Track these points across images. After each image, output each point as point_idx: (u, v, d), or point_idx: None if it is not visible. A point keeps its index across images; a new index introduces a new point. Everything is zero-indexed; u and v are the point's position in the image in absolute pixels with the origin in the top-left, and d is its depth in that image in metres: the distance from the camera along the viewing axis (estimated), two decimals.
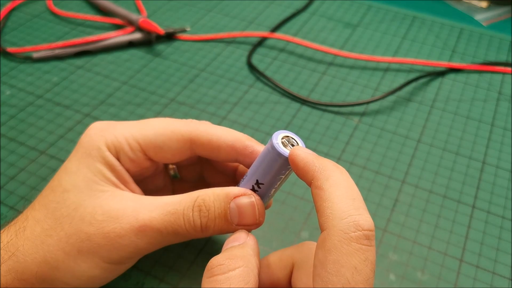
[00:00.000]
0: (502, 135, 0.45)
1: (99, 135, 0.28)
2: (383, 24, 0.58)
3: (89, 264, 0.26)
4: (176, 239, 0.27)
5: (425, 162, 0.42)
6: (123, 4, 0.59)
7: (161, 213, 0.26)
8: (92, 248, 0.26)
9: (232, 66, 0.51)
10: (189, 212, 0.26)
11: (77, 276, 0.26)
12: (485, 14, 0.61)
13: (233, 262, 0.23)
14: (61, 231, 0.26)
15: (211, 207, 0.26)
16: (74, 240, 0.26)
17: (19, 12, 0.58)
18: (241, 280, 0.22)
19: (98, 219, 0.26)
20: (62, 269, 0.26)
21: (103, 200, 0.27)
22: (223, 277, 0.22)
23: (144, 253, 0.28)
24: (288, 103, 0.47)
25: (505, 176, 0.41)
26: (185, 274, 0.33)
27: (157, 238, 0.26)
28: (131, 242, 0.26)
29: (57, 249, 0.26)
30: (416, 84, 0.50)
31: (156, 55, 0.52)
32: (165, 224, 0.26)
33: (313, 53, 0.53)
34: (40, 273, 0.26)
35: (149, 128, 0.29)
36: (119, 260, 0.27)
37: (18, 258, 0.26)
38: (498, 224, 0.37)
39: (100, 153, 0.28)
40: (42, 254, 0.26)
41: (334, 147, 0.43)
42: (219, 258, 0.23)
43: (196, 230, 0.26)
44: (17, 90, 0.47)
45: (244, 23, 0.57)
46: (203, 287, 0.23)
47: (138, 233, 0.26)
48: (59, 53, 0.51)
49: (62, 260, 0.26)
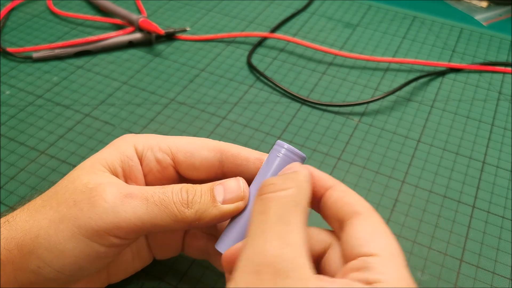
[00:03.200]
0: (502, 135, 0.45)
1: (132, 136, 0.30)
2: (383, 24, 0.58)
3: (66, 233, 0.25)
4: (161, 216, 0.26)
5: (425, 162, 0.42)
6: (123, 4, 0.59)
7: (150, 188, 0.26)
8: (74, 215, 0.25)
9: (232, 66, 0.51)
10: (177, 189, 0.26)
11: (51, 247, 0.25)
12: (485, 14, 0.61)
13: (285, 183, 0.23)
14: (54, 201, 0.26)
15: (198, 187, 0.27)
16: (62, 207, 0.26)
17: (19, 12, 0.58)
18: (291, 200, 0.22)
19: (89, 187, 0.26)
20: (41, 238, 0.25)
21: (98, 176, 0.27)
22: (274, 195, 0.23)
23: (124, 234, 0.26)
24: (288, 103, 0.47)
25: (505, 176, 0.41)
26: (185, 274, 0.33)
27: (142, 209, 0.25)
28: (113, 208, 0.25)
29: (44, 217, 0.26)
30: (416, 84, 0.50)
31: (156, 55, 0.52)
32: (152, 194, 0.26)
33: (313, 53, 0.53)
34: (22, 242, 0.25)
35: (181, 138, 0.30)
36: (95, 233, 0.25)
37: (11, 227, 0.26)
38: (498, 224, 0.37)
39: (121, 146, 0.29)
40: (31, 222, 0.26)
41: (334, 147, 0.43)
42: (272, 178, 0.24)
43: (182, 203, 0.26)
44: (17, 90, 0.47)
45: (244, 23, 0.57)
46: (253, 207, 0.23)
47: (123, 199, 0.25)
48: (59, 53, 0.51)
49: (45, 227, 0.25)
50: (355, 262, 0.22)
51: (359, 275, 0.22)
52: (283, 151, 0.27)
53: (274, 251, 0.20)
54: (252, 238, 0.21)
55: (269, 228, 0.21)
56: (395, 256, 0.23)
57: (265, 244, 0.21)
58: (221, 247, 0.27)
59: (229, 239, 0.27)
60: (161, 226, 0.26)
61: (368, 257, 0.22)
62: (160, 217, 0.26)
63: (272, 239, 0.21)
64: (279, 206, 0.22)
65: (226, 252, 0.25)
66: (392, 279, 0.21)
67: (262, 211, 0.22)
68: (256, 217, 0.22)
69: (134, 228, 0.25)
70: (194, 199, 0.26)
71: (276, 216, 0.22)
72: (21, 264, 0.25)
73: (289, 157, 0.26)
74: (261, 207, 0.22)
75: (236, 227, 0.27)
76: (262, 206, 0.23)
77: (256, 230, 0.22)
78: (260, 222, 0.22)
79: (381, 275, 0.21)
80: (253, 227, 0.22)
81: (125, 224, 0.25)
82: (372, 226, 0.24)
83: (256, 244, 0.21)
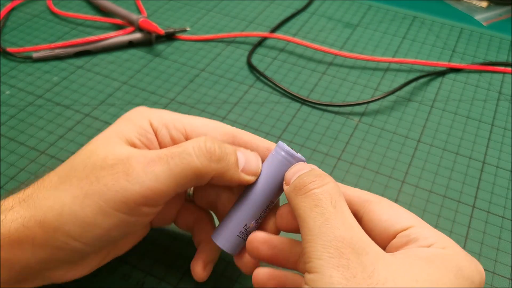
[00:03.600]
0: (502, 135, 0.45)
1: (146, 109, 0.29)
2: (383, 24, 0.58)
3: (93, 208, 0.25)
4: (185, 176, 0.26)
5: (425, 162, 0.42)
6: (123, 4, 0.59)
7: (169, 149, 0.26)
8: (99, 190, 0.25)
9: (232, 66, 0.51)
10: (200, 142, 0.26)
11: (79, 222, 0.25)
12: (485, 14, 0.61)
13: (323, 178, 0.25)
14: (74, 177, 0.26)
15: (222, 144, 0.27)
16: (84, 183, 0.26)
17: (19, 12, 0.58)
18: (336, 191, 0.24)
19: (109, 163, 0.26)
20: (65, 214, 0.25)
21: (115, 148, 0.27)
22: (320, 190, 0.24)
23: (152, 202, 0.26)
24: (288, 103, 0.47)
25: (505, 176, 0.41)
26: (185, 273, 0.33)
27: (165, 173, 0.25)
28: (137, 180, 0.25)
29: (66, 194, 0.26)
30: (416, 84, 0.50)
31: (156, 55, 0.52)
32: (172, 155, 0.26)
33: (313, 53, 0.53)
34: (44, 220, 0.25)
35: (196, 118, 0.30)
36: (124, 205, 0.25)
37: (29, 205, 0.26)
38: (498, 224, 0.37)
39: (137, 119, 0.29)
40: (51, 200, 0.26)
41: (334, 147, 0.43)
42: (307, 178, 0.25)
43: (205, 156, 0.26)
44: (17, 90, 0.47)
45: (244, 23, 0.57)
46: (299, 204, 0.24)
47: (145, 169, 0.25)
48: (59, 53, 0.51)
49: (68, 203, 0.25)
50: (397, 240, 0.25)
51: (414, 247, 0.24)
52: (282, 154, 0.28)
53: (345, 234, 0.22)
54: (319, 230, 0.23)
55: (331, 217, 0.23)
56: (426, 224, 0.25)
57: (335, 231, 0.23)
58: (220, 241, 0.28)
59: (228, 233, 0.28)
60: (186, 185, 0.27)
61: (407, 231, 0.24)
62: (185, 177, 0.26)
63: (338, 225, 0.23)
64: (330, 198, 0.24)
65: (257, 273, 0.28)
66: (443, 240, 0.24)
67: (315, 205, 0.24)
68: (310, 211, 0.24)
69: (161, 194, 0.26)
70: (221, 155, 0.27)
71: (331, 206, 0.24)
72: (44, 241, 0.25)
73: (289, 162, 0.27)
74: (312, 202, 0.24)
75: (235, 218, 0.28)
76: (312, 200, 0.24)
77: (317, 221, 0.23)
78: (318, 214, 0.23)
79: (431, 239, 0.24)
80: (312, 220, 0.23)
81: (151, 193, 0.25)
82: (390, 207, 0.26)
83: (327, 232, 0.23)
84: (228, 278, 0.33)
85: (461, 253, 0.24)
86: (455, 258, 0.23)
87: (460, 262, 0.23)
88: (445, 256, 0.23)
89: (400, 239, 0.25)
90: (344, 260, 0.22)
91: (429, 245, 0.24)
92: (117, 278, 0.33)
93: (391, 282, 0.21)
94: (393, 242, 0.25)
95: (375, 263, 0.22)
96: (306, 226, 0.23)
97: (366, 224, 0.26)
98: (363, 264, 0.22)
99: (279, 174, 0.28)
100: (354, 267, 0.22)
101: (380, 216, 0.26)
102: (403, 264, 0.22)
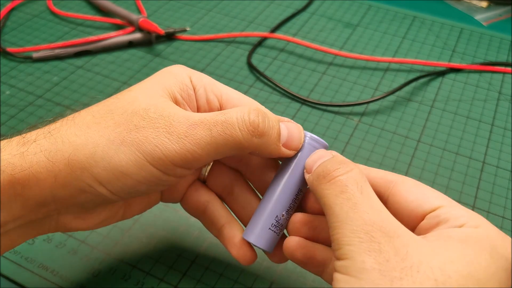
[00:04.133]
0: (502, 135, 0.45)
1: (186, 67, 0.29)
2: (383, 24, 0.58)
3: (129, 156, 0.24)
4: (225, 145, 0.25)
5: (425, 162, 0.42)
6: (123, 4, 0.59)
7: (213, 114, 0.26)
8: (137, 140, 0.24)
9: (232, 66, 0.51)
10: (244, 113, 0.26)
11: (111, 168, 0.24)
12: (485, 14, 0.61)
13: (347, 165, 0.24)
14: (110, 120, 0.25)
15: (268, 113, 0.27)
16: (121, 129, 0.25)
17: (19, 12, 0.58)
18: (361, 177, 0.24)
19: (151, 116, 0.25)
20: (98, 156, 0.24)
21: (159, 102, 0.26)
22: (345, 177, 0.24)
23: (188, 165, 0.25)
24: (288, 103, 0.47)
25: (505, 176, 0.41)
26: (185, 273, 0.33)
27: (206, 140, 0.25)
28: (178, 139, 0.24)
29: (100, 134, 0.24)
30: (416, 84, 0.50)
31: (156, 55, 0.52)
32: (216, 123, 0.25)
33: (313, 53, 0.53)
34: (73, 157, 0.24)
35: (232, 89, 0.29)
36: (161, 163, 0.25)
37: (56, 139, 0.25)
38: (498, 224, 0.37)
39: (179, 74, 0.28)
40: (83, 138, 0.24)
41: (334, 147, 0.43)
42: (330, 165, 0.25)
43: (248, 130, 0.25)
44: (17, 90, 0.47)
45: (244, 23, 0.57)
46: (324, 192, 0.24)
47: (188, 130, 0.25)
48: (59, 53, 0.51)
49: (102, 146, 0.24)
50: (426, 222, 0.24)
51: (445, 227, 0.23)
52: (307, 140, 0.28)
53: (374, 218, 0.22)
54: (346, 215, 0.22)
55: (359, 201, 0.23)
56: (455, 202, 0.25)
57: (363, 215, 0.22)
58: (252, 238, 0.27)
59: (259, 227, 0.27)
60: (225, 154, 0.26)
61: (435, 211, 0.24)
62: (224, 146, 0.25)
63: (366, 209, 0.22)
64: (355, 184, 0.23)
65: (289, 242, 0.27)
66: (474, 218, 0.23)
67: (341, 191, 0.23)
68: (336, 198, 0.23)
69: (199, 159, 0.25)
70: (264, 130, 0.26)
71: (358, 192, 0.23)
72: (67, 179, 0.24)
73: (314, 147, 0.28)
74: (338, 188, 0.23)
75: (265, 211, 0.27)
76: (338, 187, 0.23)
77: (344, 207, 0.23)
78: (346, 200, 0.23)
79: (462, 219, 0.23)
80: (338, 207, 0.23)
81: (190, 155, 0.25)
82: (415, 186, 0.26)
83: (355, 217, 0.22)
84: (228, 278, 0.33)
85: (494, 231, 0.23)
86: (489, 236, 0.22)
87: (494, 240, 0.22)
88: (479, 236, 0.22)
89: (429, 220, 0.24)
90: (375, 244, 0.21)
91: (461, 225, 0.23)
92: (117, 278, 0.33)
93: (425, 265, 0.21)
94: (422, 224, 0.24)
95: (407, 245, 0.21)
96: (332, 213, 0.23)
97: (393, 206, 0.25)
98: (396, 247, 0.21)
99: (305, 160, 0.27)
100: (386, 250, 0.21)
101: (406, 197, 0.25)
102: (437, 246, 0.22)
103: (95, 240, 0.35)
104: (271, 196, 0.28)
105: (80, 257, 0.34)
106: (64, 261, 0.34)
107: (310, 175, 0.26)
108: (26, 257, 0.34)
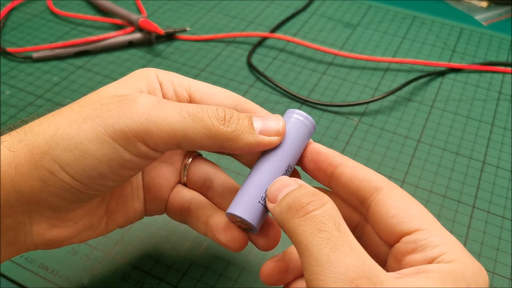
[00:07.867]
0: (502, 135, 0.45)
1: (154, 68, 0.29)
2: (383, 24, 0.58)
3: (89, 134, 0.23)
4: (194, 128, 0.24)
5: (425, 162, 0.42)
6: (123, 4, 0.59)
7: (182, 103, 0.25)
8: (100, 115, 0.24)
9: (232, 66, 0.51)
10: (213, 107, 0.25)
11: (70, 147, 0.23)
12: (485, 14, 0.61)
13: (320, 197, 0.22)
14: (75, 105, 0.25)
15: (234, 112, 0.26)
16: (85, 110, 0.24)
17: (19, 12, 0.58)
18: (335, 211, 0.22)
19: (119, 94, 0.25)
20: (58, 137, 0.23)
21: (127, 90, 0.26)
22: (321, 211, 0.22)
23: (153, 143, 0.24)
24: (288, 103, 0.47)
25: (505, 176, 0.41)
26: (185, 274, 0.33)
27: (175, 117, 0.24)
28: (145, 110, 0.24)
29: (63, 118, 0.24)
30: (416, 84, 0.50)
31: (156, 55, 0.52)
32: (186, 105, 0.25)
33: (313, 53, 0.53)
34: (33, 142, 0.24)
35: (200, 82, 0.29)
36: (123, 136, 0.24)
37: (19, 132, 0.24)
38: (498, 224, 0.37)
39: (143, 72, 0.28)
40: (45, 124, 0.24)
41: (334, 147, 0.43)
42: (303, 197, 0.22)
43: (218, 119, 0.25)
44: (17, 90, 0.47)
45: (244, 23, 0.57)
46: (298, 228, 0.22)
47: (156, 104, 0.24)
48: (59, 53, 0.51)
49: (64, 126, 0.24)
50: (402, 246, 0.23)
51: (421, 256, 0.22)
52: (295, 115, 0.27)
53: (356, 262, 0.20)
54: (327, 259, 0.20)
55: (339, 242, 0.21)
56: (436, 223, 0.23)
57: (346, 259, 0.20)
58: (239, 210, 0.26)
59: (247, 199, 0.26)
60: (192, 139, 0.25)
61: (412, 235, 0.23)
62: (193, 129, 0.24)
63: (347, 252, 0.21)
64: (332, 220, 0.22)
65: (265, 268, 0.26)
66: (452, 249, 0.22)
67: (318, 229, 0.21)
68: (313, 237, 0.21)
69: (164, 136, 0.24)
70: (232, 119, 0.25)
71: (336, 230, 0.21)
72: (28, 168, 0.23)
73: (303, 123, 0.27)
74: (314, 225, 0.22)
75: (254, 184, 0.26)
76: (314, 224, 0.22)
77: (324, 249, 0.21)
78: (325, 240, 0.21)
79: (438, 248, 0.22)
80: (317, 248, 0.21)
81: (156, 130, 0.24)
82: (400, 199, 0.24)
83: (337, 262, 0.20)
84: (228, 278, 0.33)
85: (469, 266, 0.22)
86: (464, 275, 0.22)
87: (469, 277, 0.22)
88: (456, 274, 0.22)
89: (405, 245, 0.23)
90: None
91: (437, 256, 0.22)
92: (117, 278, 0.33)
93: None
94: (398, 246, 0.23)
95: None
96: (310, 254, 0.21)
97: (372, 215, 0.25)
98: None
99: (296, 136, 0.27)
100: None
101: (387, 212, 0.24)
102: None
103: (95, 240, 0.35)
104: (260, 169, 0.27)
105: (80, 257, 0.34)
106: (64, 261, 0.34)
107: (275, 206, 0.24)
108: (26, 257, 0.34)
